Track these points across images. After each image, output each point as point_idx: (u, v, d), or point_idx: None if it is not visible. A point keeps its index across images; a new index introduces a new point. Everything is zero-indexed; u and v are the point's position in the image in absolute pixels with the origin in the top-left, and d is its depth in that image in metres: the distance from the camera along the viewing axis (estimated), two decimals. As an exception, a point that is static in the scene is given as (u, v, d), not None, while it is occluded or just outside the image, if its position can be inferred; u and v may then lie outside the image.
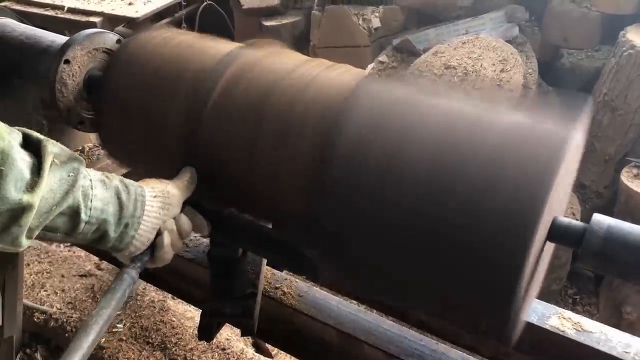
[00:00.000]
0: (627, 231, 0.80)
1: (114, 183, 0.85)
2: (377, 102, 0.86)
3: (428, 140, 0.80)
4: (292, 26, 3.88)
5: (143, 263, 0.92)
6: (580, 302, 2.82)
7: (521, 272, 0.73)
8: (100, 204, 0.82)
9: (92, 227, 0.82)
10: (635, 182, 2.47)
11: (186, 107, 0.97)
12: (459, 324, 0.86)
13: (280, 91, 0.92)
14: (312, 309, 1.20)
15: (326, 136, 0.85)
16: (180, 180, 0.95)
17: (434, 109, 0.84)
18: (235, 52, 1.00)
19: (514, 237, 0.73)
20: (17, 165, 0.71)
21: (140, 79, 1.03)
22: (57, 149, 0.78)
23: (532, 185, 0.73)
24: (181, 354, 1.76)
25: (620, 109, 2.73)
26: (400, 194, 0.79)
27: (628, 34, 2.78)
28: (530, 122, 0.80)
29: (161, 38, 1.07)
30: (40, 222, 0.75)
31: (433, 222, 0.77)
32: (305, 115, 0.89)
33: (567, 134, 0.76)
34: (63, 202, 0.77)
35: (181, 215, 0.95)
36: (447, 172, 0.77)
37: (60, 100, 1.38)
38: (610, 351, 1.06)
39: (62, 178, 0.77)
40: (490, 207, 0.74)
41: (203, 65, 0.98)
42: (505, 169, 0.75)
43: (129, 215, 0.86)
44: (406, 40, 3.26)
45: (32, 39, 1.47)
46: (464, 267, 0.77)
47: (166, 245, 0.92)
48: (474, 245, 0.75)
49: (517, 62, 2.68)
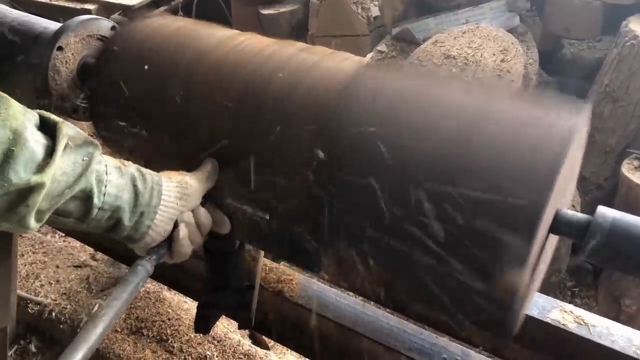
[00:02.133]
0: (632, 224, 0.79)
1: (130, 170, 0.83)
2: (382, 88, 0.85)
3: (436, 124, 0.78)
4: (290, 15, 3.85)
5: (159, 255, 0.88)
6: (579, 294, 2.81)
7: (525, 260, 0.71)
8: (115, 190, 0.80)
9: (105, 213, 0.80)
10: (636, 174, 2.46)
11: (181, 94, 0.95)
12: (460, 315, 0.84)
13: (279, 79, 0.90)
14: (311, 302, 1.18)
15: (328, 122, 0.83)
16: (200, 172, 0.92)
17: (440, 95, 0.82)
18: (232, 37, 0.98)
19: (521, 221, 0.71)
20: (30, 146, 0.70)
21: (135, 66, 1.01)
22: (72, 132, 0.77)
23: (539, 169, 0.71)
24: (177, 346, 1.75)
25: (622, 100, 2.71)
26: (406, 176, 0.77)
27: (630, 24, 2.75)
28: (537, 110, 0.78)
29: (156, 25, 1.05)
30: (51, 204, 0.74)
31: (439, 205, 0.75)
32: (305, 102, 0.87)
33: (575, 122, 0.74)
34: (75, 186, 0.75)
35: (200, 208, 0.92)
36: (454, 156, 0.75)
37: (53, 88, 1.35)
38: (612, 345, 1.05)
39: (75, 161, 0.76)
40: (496, 192, 0.73)
41: (199, 51, 0.96)
42: (513, 155, 0.73)
43: (145, 204, 0.84)
44: (406, 30, 3.23)
45: (24, 25, 1.44)
46: (468, 253, 0.75)
47: (182, 237, 0.89)
48: (479, 230, 0.73)
49: (517, 52, 2.65)
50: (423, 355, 1.05)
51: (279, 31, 3.82)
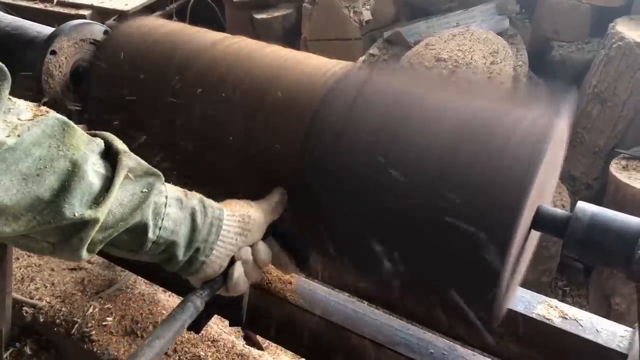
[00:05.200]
0: (610, 218, 0.81)
1: (192, 203, 0.80)
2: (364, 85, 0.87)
3: (418, 121, 0.81)
4: (283, 19, 3.87)
5: (213, 290, 0.85)
6: (570, 293, 2.84)
7: (506, 255, 0.73)
8: (172, 225, 0.78)
9: (159, 247, 0.78)
10: (624, 174, 2.48)
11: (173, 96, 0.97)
12: (442, 307, 0.86)
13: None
14: (301, 300, 1.20)
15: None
16: (267, 202, 0.88)
17: (423, 95, 0.85)
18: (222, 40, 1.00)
19: (502, 216, 0.73)
20: (88, 178, 0.68)
21: (126, 69, 1.03)
22: (133, 163, 0.75)
23: (519, 165, 0.74)
24: (171, 346, 1.77)
25: (610, 101, 2.74)
26: (388, 173, 0.79)
27: (617, 26, 2.79)
28: (517, 110, 0.81)
29: (148, 28, 1.07)
30: (104, 237, 0.72)
31: (420, 200, 0.78)
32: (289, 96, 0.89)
33: (553, 122, 0.77)
34: (130, 219, 0.73)
35: (259, 244, 0.88)
36: (436, 151, 0.78)
37: (46, 91, 1.37)
38: (595, 339, 1.07)
39: (134, 193, 0.74)
40: (478, 190, 0.75)
41: (190, 54, 0.98)
42: (492, 154, 0.75)
43: (202, 240, 0.81)
44: (397, 33, 3.26)
45: (18, 30, 1.45)
46: (449, 248, 0.77)
47: (237, 277, 0.85)
48: (460, 226, 0.75)
49: (507, 55, 2.68)
50: (409, 350, 1.07)
51: (272, 35, 3.84)
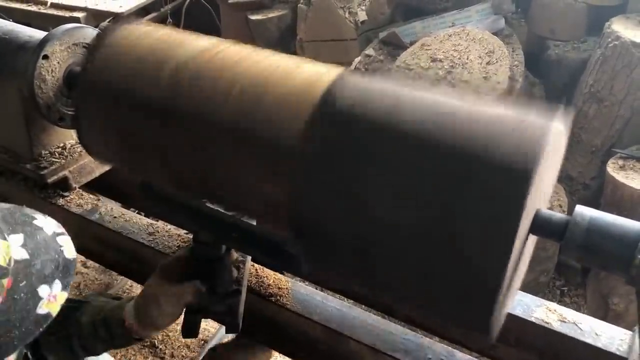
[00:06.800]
0: (609, 223, 0.80)
1: None
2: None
3: (415, 121, 0.80)
4: (278, 20, 3.86)
5: None
6: (568, 293, 2.84)
7: (506, 261, 0.72)
8: None
9: None
10: (621, 173, 2.48)
11: (165, 101, 0.96)
12: (441, 315, 0.85)
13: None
14: (297, 305, 1.19)
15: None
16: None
17: (420, 95, 0.84)
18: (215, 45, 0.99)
19: (503, 215, 0.72)
20: None
21: (118, 73, 1.01)
22: None
23: (518, 167, 0.72)
24: (168, 352, 1.76)
25: (606, 100, 2.74)
26: (385, 173, 0.78)
27: (613, 25, 2.78)
28: (514, 113, 0.80)
29: (139, 33, 1.06)
30: None
31: (416, 203, 0.77)
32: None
33: (550, 123, 0.76)
34: None
35: None
36: (433, 151, 0.76)
37: (39, 96, 1.36)
38: (594, 342, 1.06)
39: None
40: (475, 192, 0.74)
41: (181, 59, 0.97)
42: (491, 154, 0.74)
43: None
44: (393, 34, 3.25)
45: (9, 34, 1.44)
46: (447, 254, 0.76)
47: None
48: (457, 231, 0.74)
49: (503, 54, 2.67)
50: (408, 355, 1.06)
51: (267, 36, 3.83)
